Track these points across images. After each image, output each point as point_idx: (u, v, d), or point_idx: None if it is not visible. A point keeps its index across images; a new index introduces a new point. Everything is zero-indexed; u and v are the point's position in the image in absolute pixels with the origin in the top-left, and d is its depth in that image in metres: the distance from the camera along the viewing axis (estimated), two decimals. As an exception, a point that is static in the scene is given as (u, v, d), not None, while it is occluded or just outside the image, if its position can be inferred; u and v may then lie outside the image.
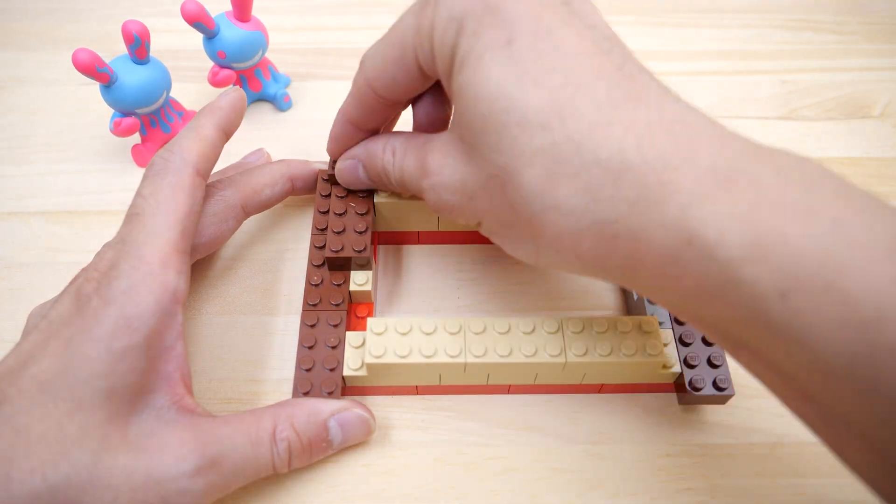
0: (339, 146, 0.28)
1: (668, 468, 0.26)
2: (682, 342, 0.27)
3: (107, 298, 0.22)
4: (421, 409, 0.28)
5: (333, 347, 0.26)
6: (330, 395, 0.26)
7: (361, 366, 0.26)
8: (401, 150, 0.25)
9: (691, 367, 0.26)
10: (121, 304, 0.22)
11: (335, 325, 0.27)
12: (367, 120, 0.26)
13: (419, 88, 0.24)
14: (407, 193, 0.27)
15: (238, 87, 0.29)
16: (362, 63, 0.25)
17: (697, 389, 0.26)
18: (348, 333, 0.27)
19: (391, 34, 0.23)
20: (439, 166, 0.23)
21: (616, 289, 0.31)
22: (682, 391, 0.26)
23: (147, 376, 0.23)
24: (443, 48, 0.21)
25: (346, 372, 0.26)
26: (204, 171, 0.26)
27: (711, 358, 0.26)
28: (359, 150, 0.27)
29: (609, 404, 0.28)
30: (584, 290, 0.31)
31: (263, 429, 0.24)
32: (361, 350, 0.26)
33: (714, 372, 0.26)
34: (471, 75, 0.20)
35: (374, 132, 0.27)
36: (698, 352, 0.26)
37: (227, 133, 0.28)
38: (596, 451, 0.27)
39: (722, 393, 0.26)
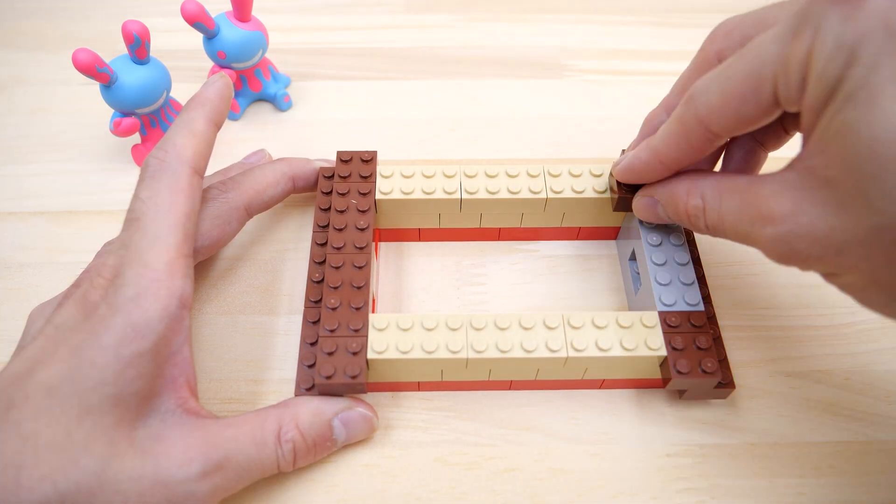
0: (638, 179, 0.27)
1: (668, 468, 0.26)
2: (667, 325, 0.26)
3: (114, 306, 0.22)
4: (421, 409, 0.28)
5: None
6: (330, 378, 0.26)
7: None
8: (713, 195, 0.23)
9: (676, 350, 0.26)
10: (128, 312, 0.22)
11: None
12: (683, 159, 0.24)
13: (761, 123, 0.22)
14: (715, 236, 0.24)
15: (224, 73, 0.29)
16: (690, 100, 0.22)
17: (683, 373, 0.25)
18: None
19: (735, 66, 0.21)
20: (790, 213, 0.20)
21: (617, 287, 0.32)
22: (669, 377, 0.25)
23: (154, 381, 0.23)
24: (822, 80, 0.18)
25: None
26: (200, 169, 0.26)
27: (697, 342, 0.26)
28: (660, 190, 0.26)
29: (609, 404, 0.28)
30: (585, 288, 0.31)
31: (268, 430, 0.24)
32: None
33: (700, 355, 0.25)
34: (863, 111, 0.17)
35: (679, 170, 0.26)
36: (683, 335, 0.26)
37: (217, 125, 0.27)
38: (596, 451, 0.27)
39: (708, 376, 0.25)
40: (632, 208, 0.28)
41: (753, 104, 0.21)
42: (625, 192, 0.28)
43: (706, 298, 0.28)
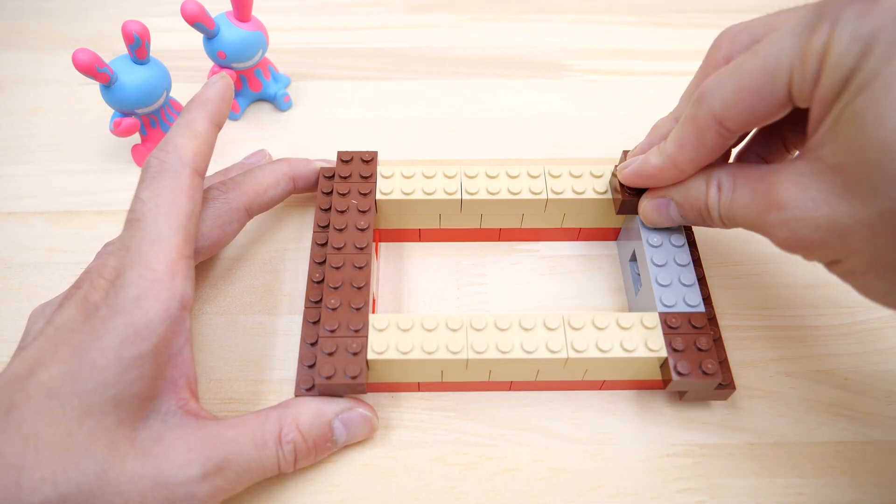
0: (649, 183, 0.27)
1: (668, 468, 0.26)
2: (667, 326, 0.26)
3: (115, 308, 0.22)
4: (421, 409, 0.28)
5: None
6: (330, 379, 0.26)
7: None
8: (729, 184, 0.24)
9: (677, 351, 0.26)
10: (129, 314, 0.22)
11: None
12: (698, 161, 0.24)
13: (773, 118, 0.22)
14: (729, 228, 0.25)
15: (225, 73, 0.28)
16: (703, 99, 0.23)
17: (683, 375, 0.25)
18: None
19: (750, 62, 0.21)
20: (795, 199, 0.21)
21: (618, 287, 0.32)
22: (669, 379, 0.25)
23: (155, 382, 0.23)
24: (836, 71, 0.19)
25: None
26: (201, 170, 0.26)
27: (697, 343, 0.26)
28: (674, 190, 0.26)
29: (609, 404, 0.28)
30: (585, 288, 0.31)
31: (269, 431, 0.24)
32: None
33: (700, 356, 0.25)
34: (873, 100, 0.18)
35: (693, 173, 0.25)
36: (684, 337, 0.26)
37: (218, 126, 0.27)
38: (596, 451, 0.27)
39: (709, 377, 0.25)
40: (637, 212, 0.28)
41: (768, 98, 0.21)
42: (628, 194, 0.28)
43: (706, 299, 0.28)
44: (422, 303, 0.31)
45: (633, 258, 0.30)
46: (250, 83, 0.38)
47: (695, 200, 0.25)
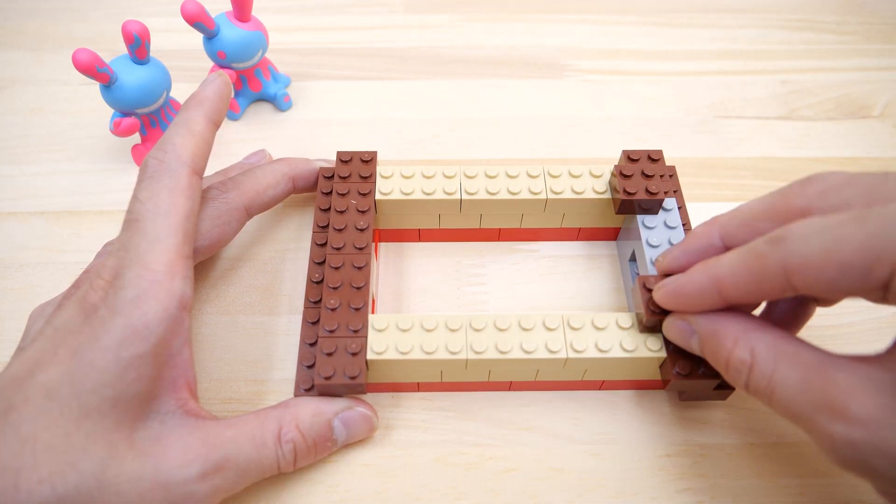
0: (686, 306, 0.23)
1: (668, 468, 0.26)
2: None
3: (114, 308, 0.22)
4: (421, 409, 0.28)
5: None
6: (329, 379, 0.26)
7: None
8: (767, 355, 0.20)
9: (676, 351, 0.25)
10: (128, 314, 0.22)
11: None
12: (747, 299, 0.21)
13: (850, 297, 0.19)
14: (763, 404, 0.21)
15: (223, 71, 0.28)
16: (782, 242, 0.19)
17: (683, 375, 0.25)
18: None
19: (851, 230, 0.18)
20: (873, 420, 0.17)
21: (617, 288, 0.32)
22: (669, 379, 0.25)
23: (154, 383, 0.23)
24: None
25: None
26: (199, 170, 0.26)
27: None
28: (702, 322, 0.23)
29: (609, 404, 0.28)
30: (585, 289, 0.31)
31: (268, 431, 0.24)
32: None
33: (699, 356, 0.25)
34: None
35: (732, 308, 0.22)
36: None
37: (216, 124, 0.27)
38: (596, 451, 0.27)
39: (708, 377, 0.25)
40: (661, 327, 0.25)
41: (857, 280, 0.18)
42: (627, 193, 0.28)
43: (706, 299, 0.28)
44: (421, 303, 0.31)
45: (633, 258, 0.30)
46: (250, 83, 0.38)
47: (716, 349, 0.22)
